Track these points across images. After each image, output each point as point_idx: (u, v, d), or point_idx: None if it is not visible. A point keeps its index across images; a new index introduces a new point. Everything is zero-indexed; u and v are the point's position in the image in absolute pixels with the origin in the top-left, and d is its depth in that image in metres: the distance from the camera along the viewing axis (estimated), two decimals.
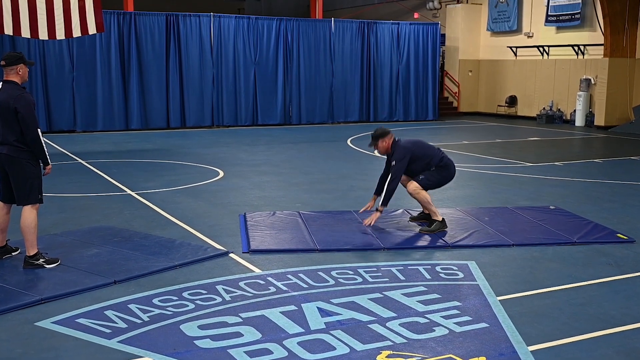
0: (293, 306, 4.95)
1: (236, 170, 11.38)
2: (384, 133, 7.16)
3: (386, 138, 7.14)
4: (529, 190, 9.78)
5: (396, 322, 4.65)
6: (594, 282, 5.62)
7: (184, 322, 4.65)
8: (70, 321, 4.67)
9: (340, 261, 6.14)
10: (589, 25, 20.37)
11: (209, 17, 18.94)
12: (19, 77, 5.79)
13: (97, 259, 6.04)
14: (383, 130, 7.22)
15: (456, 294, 5.26)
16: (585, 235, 7.00)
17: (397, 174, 7.02)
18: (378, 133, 7.18)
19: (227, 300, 5.09)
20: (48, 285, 5.35)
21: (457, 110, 24.54)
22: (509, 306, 5.00)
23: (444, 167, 7.29)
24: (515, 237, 6.91)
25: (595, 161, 12.93)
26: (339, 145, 15.30)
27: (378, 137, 7.15)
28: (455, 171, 7.44)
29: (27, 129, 5.64)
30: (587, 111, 20.38)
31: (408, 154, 7.06)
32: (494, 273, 5.82)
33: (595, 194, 9.48)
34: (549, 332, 4.53)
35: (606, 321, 4.75)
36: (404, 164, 7.03)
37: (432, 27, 22.18)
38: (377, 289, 5.36)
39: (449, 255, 6.38)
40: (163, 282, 5.48)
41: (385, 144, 7.15)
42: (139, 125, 18.34)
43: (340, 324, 4.62)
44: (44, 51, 17.04)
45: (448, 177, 7.37)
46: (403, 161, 7.02)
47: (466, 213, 8.01)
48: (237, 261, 6.12)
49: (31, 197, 5.78)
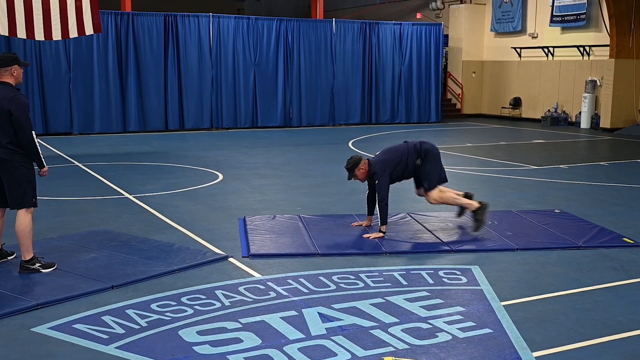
0: (293, 311, 4.96)
1: (236, 173, 11.39)
2: (357, 161, 7.16)
3: (361, 165, 7.14)
4: (534, 193, 9.79)
5: (398, 328, 4.66)
6: (599, 287, 5.62)
7: (183, 328, 4.65)
8: (67, 327, 4.67)
9: (341, 266, 6.14)
10: (595, 25, 20.40)
11: (208, 17, 18.98)
12: (13, 79, 5.80)
13: (94, 264, 6.05)
14: (354, 159, 7.19)
15: (459, 299, 5.27)
16: (591, 240, 7.00)
17: (384, 189, 7.03)
18: (351, 164, 7.16)
19: (227, 305, 5.09)
20: (44, 290, 5.35)
21: (461, 112, 24.57)
22: (513, 311, 5.00)
23: (429, 152, 7.27)
24: (519, 241, 6.92)
25: (601, 164, 12.94)
26: (340, 147, 15.30)
27: (353, 167, 7.15)
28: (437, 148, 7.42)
29: (21, 131, 5.64)
30: (592, 113, 20.40)
31: (386, 166, 7.10)
32: (497, 278, 5.83)
33: (601, 198, 9.49)
34: (554, 338, 4.54)
35: (612, 327, 4.75)
36: (386, 177, 7.06)
37: (434, 27, 22.20)
38: (379, 294, 5.37)
39: (452, 260, 6.38)
40: (161, 287, 5.49)
41: (362, 170, 7.16)
42: (137, 127, 18.37)
43: (342, 330, 4.63)
44: (40, 52, 17.08)
45: (438, 157, 7.34)
46: (384, 175, 7.06)
47: (470, 217, 8.00)
48: (237, 266, 6.13)
49: (25, 201, 5.78)
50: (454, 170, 11.65)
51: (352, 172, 7.19)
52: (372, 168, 7.15)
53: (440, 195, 7.30)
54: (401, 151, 7.30)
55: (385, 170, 7.08)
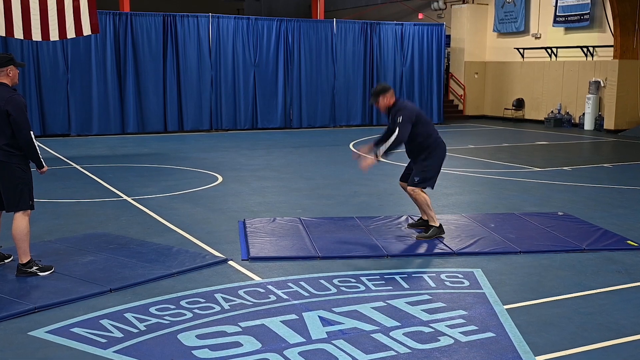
0: (294, 315, 4.96)
1: (235, 175, 11.40)
2: (385, 89, 7.06)
3: (387, 94, 7.03)
4: (537, 195, 9.79)
5: (400, 332, 4.66)
6: (603, 291, 5.62)
7: (182, 332, 4.66)
8: (65, 330, 4.68)
9: (342, 269, 6.15)
10: (599, 26, 20.42)
11: (207, 17, 19.00)
12: (9, 79, 5.81)
13: (92, 267, 6.05)
14: (384, 86, 7.12)
15: (462, 303, 5.27)
16: (595, 242, 7.00)
17: (404, 130, 6.83)
18: (379, 89, 7.07)
19: (226, 309, 5.10)
20: (42, 294, 5.36)
21: (463, 114, 24.58)
22: (516, 315, 5.00)
23: (438, 146, 7.18)
24: (522, 244, 6.92)
25: (605, 166, 12.94)
26: (341, 149, 15.32)
27: (379, 92, 7.05)
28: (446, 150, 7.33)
29: (19, 131, 5.65)
30: (596, 114, 20.41)
31: (413, 115, 6.93)
32: (500, 281, 5.83)
33: (605, 200, 9.49)
34: (557, 342, 4.54)
35: (616, 331, 4.75)
36: (409, 126, 6.87)
37: (436, 28, 22.22)
38: (381, 297, 5.37)
39: (454, 263, 6.39)
40: (160, 291, 5.50)
41: (386, 100, 7.04)
42: (136, 129, 18.38)
43: (343, 334, 4.63)
44: (37, 53, 17.10)
45: (442, 157, 7.24)
46: (407, 122, 6.85)
47: (472, 219, 8.02)
48: (237, 269, 6.14)
49: (21, 203, 5.78)
50: (457, 172, 11.65)
51: (377, 97, 7.04)
52: (400, 105, 6.99)
53: (420, 193, 7.10)
54: (428, 121, 7.17)
55: (411, 118, 6.89)
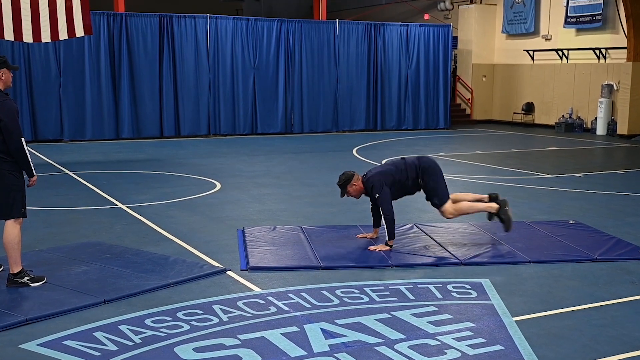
0: (295, 327, 4.97)
1: (234, 182, 11.42)
2: (349, 177, 7.10)
3: (353, 181, 7.11)
4: (547, 203, 9.80)
5: (405, 345, 4.67)
6: (616, 302, 5.63)
7: (179, 344, 4.67)
8: (57, 343, 4.69)
9: (345, 279, 6.16)
10: (611, 27, 20.44)
11: (205, 18, 19.05)
12: (2, 83, 5.84)
13: (86, 277, 6.07)
14: (346, 175, 7.14)
15: (469, 315, 5.28)
16: (607, 252, 7.01)
17: (386, 204, 7.00)
18: (343, 180, 7.10)
19: (225, 321, 5.11)
20: (33, 305, 5.37)
21: (470, 118, 24.61)
22: (525, 327, 5.01)
23: (427, 169, 7.21)
24: (532, 254, 6.93)
25: (618, 172, 12.95)
26: (344, 155, 15.34)
27: (345, 184, 7.11)
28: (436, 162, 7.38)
29: (10, 138, 5.67)
30: (609, 119, 20.42)
31: (384, 178, 7.07)
32: (509, 292, 5.84)
33: (618, 208, 9.50)
34: (568, 355, 4.54)
35: (629, 343, 4.76)
36: (386, 190, 7.03)
37: (443, 29, 22.27)
38: (385, 308, 5.38)
39: (461, 273, 6.40)
40: (156, 302, 5.51)
41: (356, 186, 7.13)
42: (131, 134, 18.42)
43: (345, 347, 4.64)
44: (28, 55, 17.15)
45: (438, 170, 7.29)
46: (383, 188, 7.02)
47: (480, 228, 8.04)
48: (235, 279, 6.15)
49: (14, 211, 5.81)
50: (464, 178, 11.67)
51: (345, 189, 7.14)
52: (369, 183, 7.11)
53: (454, 207, 7.25)
54: (398, 165, 7.28)
55: (383, 183, 7.04)
